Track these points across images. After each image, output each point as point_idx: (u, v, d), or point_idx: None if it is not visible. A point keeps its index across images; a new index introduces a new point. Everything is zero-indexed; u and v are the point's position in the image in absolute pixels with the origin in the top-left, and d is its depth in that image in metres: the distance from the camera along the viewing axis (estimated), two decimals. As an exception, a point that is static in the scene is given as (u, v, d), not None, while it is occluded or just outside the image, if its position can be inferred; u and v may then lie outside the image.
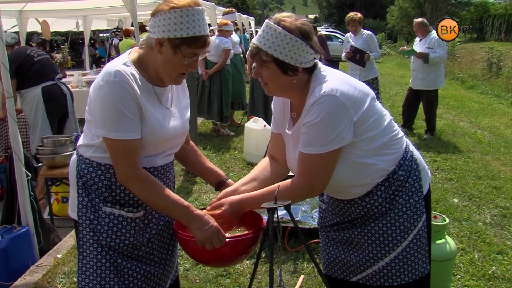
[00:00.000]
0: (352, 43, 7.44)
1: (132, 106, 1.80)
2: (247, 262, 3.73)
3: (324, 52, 1.94)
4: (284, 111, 2.08)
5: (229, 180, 2.22)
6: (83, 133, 2.00)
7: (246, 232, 1.97)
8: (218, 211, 1.93)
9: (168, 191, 1.90)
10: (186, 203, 1.90)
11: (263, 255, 3.70)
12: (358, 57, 7.36)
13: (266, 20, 1.84)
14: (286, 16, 1.85)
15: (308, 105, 1.83)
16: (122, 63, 1.85)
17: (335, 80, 1.85)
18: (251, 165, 6.23)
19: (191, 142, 2.29)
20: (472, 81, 15.71)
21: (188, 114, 2.12)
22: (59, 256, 3.84)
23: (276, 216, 1.69)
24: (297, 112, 1.99)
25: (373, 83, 7.41)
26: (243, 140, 6.70)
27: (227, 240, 1.87)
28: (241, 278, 3.50)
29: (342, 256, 2.11)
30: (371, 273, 2.04)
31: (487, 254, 3.93)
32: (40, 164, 4.71)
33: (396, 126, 2.04)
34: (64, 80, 6.20)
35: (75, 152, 2.05)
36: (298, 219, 3.95)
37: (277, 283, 1.67)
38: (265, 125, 6.25)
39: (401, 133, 2.06)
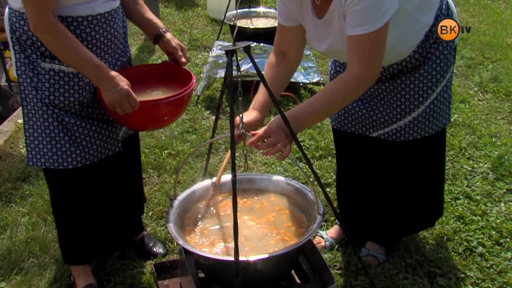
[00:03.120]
0: None
1: None
2: (213, 117, 3.68)
3: None
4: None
5: (168, 33, 2.02)
6: None
7: (169, 95, 1.86)
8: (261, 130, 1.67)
9: (81, 47, 1.72)
10: (98, 62, 1.74)
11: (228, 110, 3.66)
12: None
13: None
14: None
15: None
16: None
17: None
18: (215, 21, 5.95)
19: None
20: None
21: None
22: (20, 121, 3.72)
23: (235, 60, 1.56)
24: None
25: None
26: (206, -4, 6.34)
27: (143, 104, 1.78)
28: (207, 133, 3.51)
29: (364, 111, 2.01)
30: (396, 128, 1.97)
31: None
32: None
33: None
34: None
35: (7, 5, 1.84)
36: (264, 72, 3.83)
37: (238, 130, 1.60)
38: (228, -21, 5.83)
39: None
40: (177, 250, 2.41)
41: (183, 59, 2.00)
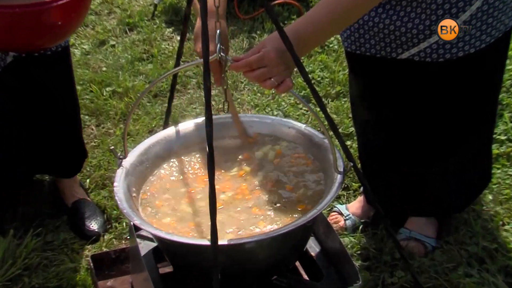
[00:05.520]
0: None
1: None
2: (177, 37, 3.63)
3: None
4: None
5: None
6: None
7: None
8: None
9: None
10: None
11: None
12: None
13: None
14: None
15: None
16: None
17: None
18: None
19: None
20: None
21: None
22: None
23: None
24: None
25: None
26: None
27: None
28: (170, 61, 3.42)
29: (386, 22, 1.87)
30: (436, 42, 1.83)
31: None
32: None
33: None
34: None
35: None
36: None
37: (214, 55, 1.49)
38: None
39: None
40: (127, 234, 2.34)
41: None
